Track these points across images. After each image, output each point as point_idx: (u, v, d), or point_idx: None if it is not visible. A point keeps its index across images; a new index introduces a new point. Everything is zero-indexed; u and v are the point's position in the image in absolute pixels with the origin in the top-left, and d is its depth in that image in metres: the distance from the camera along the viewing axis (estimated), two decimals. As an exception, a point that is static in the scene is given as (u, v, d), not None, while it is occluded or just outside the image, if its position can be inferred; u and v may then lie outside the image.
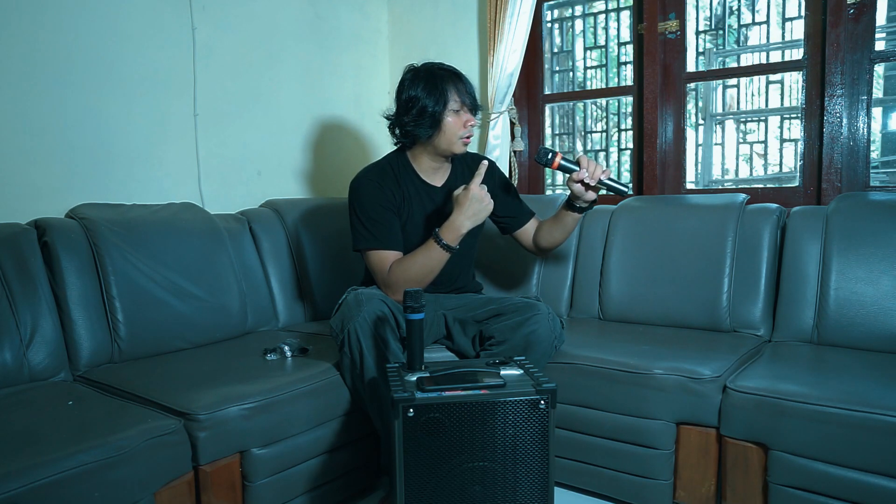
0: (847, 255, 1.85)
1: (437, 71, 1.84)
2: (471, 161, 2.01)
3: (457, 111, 1.82)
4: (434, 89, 1.80)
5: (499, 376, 1.32)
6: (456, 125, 1.82)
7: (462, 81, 1.85)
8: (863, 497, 1.38)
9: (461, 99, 1.82)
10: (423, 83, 1.81)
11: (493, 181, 1.99)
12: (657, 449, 1.66)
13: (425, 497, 1.26)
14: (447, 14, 2.87)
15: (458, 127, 1.82)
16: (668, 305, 2.08)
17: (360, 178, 1.88)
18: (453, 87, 1.82)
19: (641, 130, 2.51)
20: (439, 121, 1.80)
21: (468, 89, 1.85)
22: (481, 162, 1.91)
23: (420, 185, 1.90)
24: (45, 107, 1.91)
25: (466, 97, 1.84)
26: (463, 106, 1.83)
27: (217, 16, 2.33)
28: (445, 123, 1.81)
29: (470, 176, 1.93)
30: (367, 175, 1.88)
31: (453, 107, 1.81)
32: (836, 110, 2.12)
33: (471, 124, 1.85)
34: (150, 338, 1.84)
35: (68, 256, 1.74)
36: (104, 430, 1.28)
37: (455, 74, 1.85)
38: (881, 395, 1.40)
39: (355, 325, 1.62)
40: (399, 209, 1.87)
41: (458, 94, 1.82)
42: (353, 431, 1.74)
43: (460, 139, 1.84)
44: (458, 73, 1.87)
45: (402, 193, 1.87)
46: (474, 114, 1.87)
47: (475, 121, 1.87)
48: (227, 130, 2.40)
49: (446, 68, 1.87)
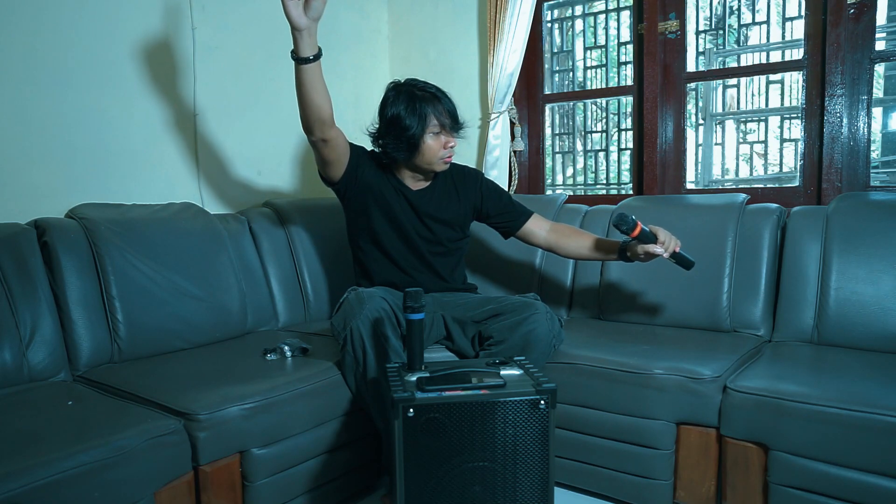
0: (847, 255, 1.85)
1: (417, 92, 1.85)
2: (459, 174, 2.03)
3: (436, 133, 1.84)
4: (413, 111, 1.82)
5: (499, 376, 1.32)
6: (435, 147, 1.85)
7: (441, 102, 1.85)
8: (863, 497, 1.38)
9: (440, 121, 1.84)
10: (404, 104, 1.83)
11: (479, 189, 2.02)
12: (657, 449, 1.66)
13: (425, 497, 1.26)
14: (447, 14, 2.87)
15: (437, 148, 1.85)
16: (668, 305, 2.08)
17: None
18: (433, 109, 1.83)
19: (641, 130, 2.51)
20: (418, 144, 1.83)
21: (447, 108, 1.86)
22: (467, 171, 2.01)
23: (396, 184, 1.95)
24: (45, 107, 1.91)
25: (446, 119, 1.85)
26: (443, 128, 1.85)
27: (217, 16, 2.33)
28: (425, 146, 1.84)
29: (452, 184, 2.02)
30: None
31: (433, 129, 1.83)
32: (836, 110, 2.12)
33: (451, 145, 1.87)
34: (150, 338, 1.83)
35: (68, 256, 1.74)
36: (104, 430, 1.28)
37: (435, 96, 1.86)
38: (881, 395, 1.40)
39: (357, 323, 1.62)
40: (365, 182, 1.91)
41: (437, 116, 1.83)
42: (354, 431, 1.74)
43: (440, 159, 1.87)
44: (439, 93, 1.87)
45: (377, 178, 1.92)
46: (456, 131, 1.89)
47: (455, 141, 1.89)
48: (227, 130, 2.40)
49: (428, 89, 1.87)
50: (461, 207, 1.99)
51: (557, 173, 3.00)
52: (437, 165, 1.88)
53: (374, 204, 1.92)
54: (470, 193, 2.01)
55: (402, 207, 1.93)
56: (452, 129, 1.87)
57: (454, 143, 1.88)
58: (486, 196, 2.02)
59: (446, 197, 1.98)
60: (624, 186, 2.89)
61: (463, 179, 2.02)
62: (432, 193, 1.97)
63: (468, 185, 2.01)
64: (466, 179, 2.02)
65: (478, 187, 2.02)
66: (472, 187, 2.02)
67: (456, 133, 1.90)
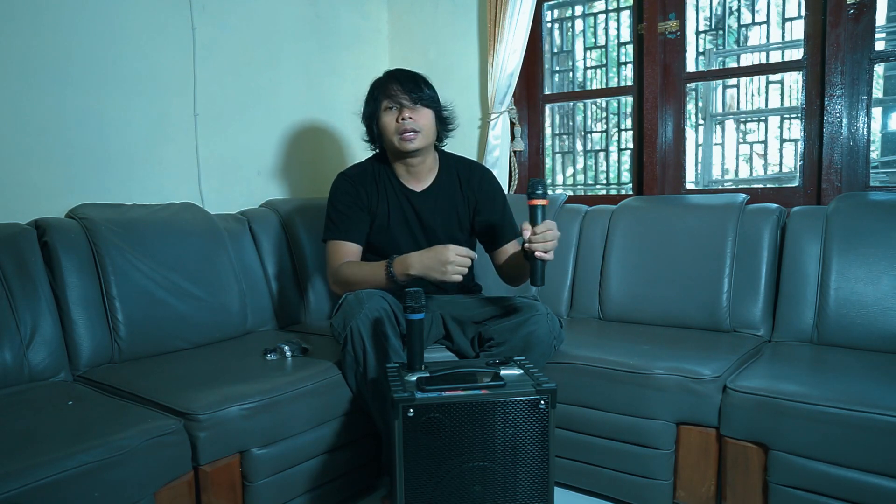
0: (847, 255, 1.85)
1: (378, 79, 1.87)
2: (465, 169, 1.97)
3: (389, 108, 1.82)
4: (369, 98, 1.86)
5: (499, 376, 1.32)
6: (389, 123, 1.82)
7: (397, 79, 1.81)
8: (863, 497, 1.38)
9: (389, 96, 1.80)
10: (367, 95, 1.87)
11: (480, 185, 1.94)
12: (657, 449, 1.66)
13: (425, 497, 1.26)
14: (447, 14, 2.87)
15: (391, 124, 1.82)
16: (668, 305, 2.08)
17: (340, 174, 1.95)
18: (382, 89, 1.82)
19: (641, 130, 2.51)
20: (376, 126, 1.86)
21: (403, 84, 1.80)
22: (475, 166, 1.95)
23: (399, 188, 1.91)
24: (44, 107, 1.91)
25: (399, 91, 1.79)
26: (395, 103, 1.80)
27: (217, 16, 2.33)
28: (381, 125, 1.84)
29: (457, 179, 1.95)
30: (346, 172, 1.95)
31: (385, 105, 1.82)
32: (836, 110, 2.12)
33: (403, 118, 1.79)
34: (150, 338, 1.84)
35: (68, 256, 1.74)
36: (104, 430, 1.28)
37: (390, 74, 1.85)
38: (881, 395, 1.40)
39: (358, 322, 1.62)
40: (371, 209, 1.90)
41: (386, 94, 1.81)
42: (354, 431, 1.74)
43: (398, 135, 1.80)
44: (398, 71, 1.85)
45: (378, 195, 1.90)
46: (425, 106, 1.82)
47: (410, 114, 1.79)
48: (227, 130, 2.40)
49: (390, 71, 1.88)
50: (466, 205, 1.94)
51: (557, 173, 3.00)
52: (397, 143, 1.81)
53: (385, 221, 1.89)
54: (474, 188, 1.94)
55: (408, 216, 1.90)
56: (412, 102, 1.79)
57: (410, 116, 1.79)
58: (480, 199, 1.94)
59: (450, 197, 1.93)
60: (624, 186, 2.89)
61: (469, 174, 1.95)
62: (437, 194, 1.92)
63: (472, 180, 1.95)
64: (472, 174, 1.96)
65: (479, 183, 1.95)
66: (475, 182, 1.94)
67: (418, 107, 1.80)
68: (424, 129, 1.82)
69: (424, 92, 1.83)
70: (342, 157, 2.86)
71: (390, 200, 1.90)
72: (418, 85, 1.83)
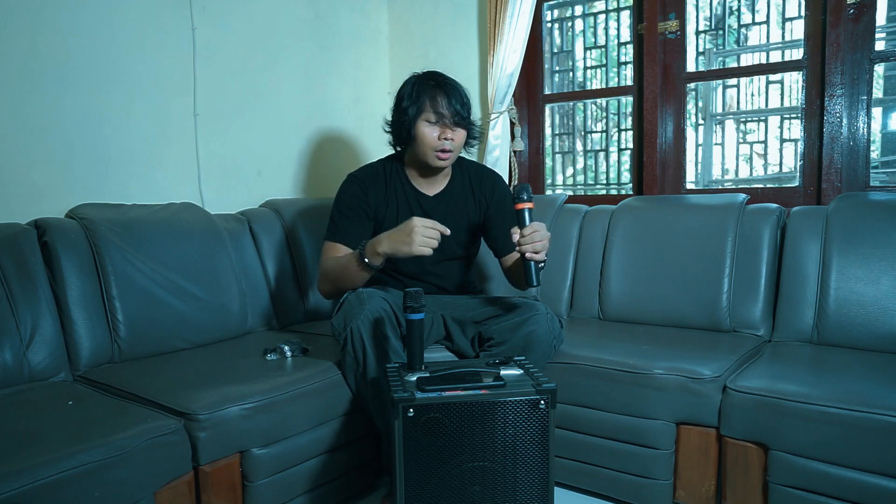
0: (847, 255, 1.85)
1: (425, 79, 1.81)
2: (477, 174, 1.97)
3: (432, 122, 1.77)
4: (412, 96, 1.78)
5: (499, 376, 1.32)
6: (429, 136, 1.77)
7: (446, 94, 1.76)
8: (863, 497, 1.39)
9: (437, 110, 1.75)
10: (409, 88, 1.81)
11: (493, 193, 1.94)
12: (657, 449, 1.66)
13: (425, 497, 1.26)
14: (447, 14, 2.87)
15: (431, 138, 1.77)
16: (668, 305, 2.08)
17: (349, 175, 1.92)
18: (431, 97, 1.76)
19: (641, 130, 2.51)
20: (411, 129, 1.79)
21: (451, 102, 1.76)
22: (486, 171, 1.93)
23: (410, 191, 1.90)
24: (44, 107, 1.91)
25: (446, 110, 1.75)
26: (440, 119, 1.76)
27: (217, 16, 2.33)
28: (418, 132, 1.78)
29: (469, 185, 1.94)
30: (355, 174, 1.92)
31: (427, 117, 1.76)
32: (836, 110, 2.12)
33: (445, 138, 1.76)
34: (150, 338, 1.83)
35: (68, 256, 1.74)
36: (104, 430, 1.28)
37: (439, 85, 1.78)
38: (881, 395, 1.40)
39: (358, 322, 1.62)
40: (378, 213, 1.87)
41: (434, 105, 1.75)
42: (354, 431, 1.74)
43: (434, 152, 1.78)
44: (447, 85, 1.79)
45: (387, 199, 1.88)
46: (464, 128, 1.80)
47: (453, 136, 1.77)
48: (227, 130, 2.40)
49: (437, 78, 1.81)
50: (477, 211, 1.94)
51: (557, 173, 3.00)
52: (430, 158, 1.79)
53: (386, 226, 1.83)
54: (486, 193, 1.94)
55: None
56: (454, 124, 1.77)
57: (451, 137, 1.77)
58: (492, 205, 1.94)
59: (462, 202, 1.92)
60: (624, 186, 2.89)
61: (481, 180, 1.95)
62: (449, 199, 1.91)
63: (485, 186, 1.94)
64: (484, 180, 1.95)
65: (490, 189, 1.94)
66: (488, 188, 1.94)
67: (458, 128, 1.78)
68: (457, 148, 1.82)
69: (468, 117, 1.82)
70: (342, 156, 2.86)
71: (400, 203, 1.89)
72: (465, 107, 1.81)
